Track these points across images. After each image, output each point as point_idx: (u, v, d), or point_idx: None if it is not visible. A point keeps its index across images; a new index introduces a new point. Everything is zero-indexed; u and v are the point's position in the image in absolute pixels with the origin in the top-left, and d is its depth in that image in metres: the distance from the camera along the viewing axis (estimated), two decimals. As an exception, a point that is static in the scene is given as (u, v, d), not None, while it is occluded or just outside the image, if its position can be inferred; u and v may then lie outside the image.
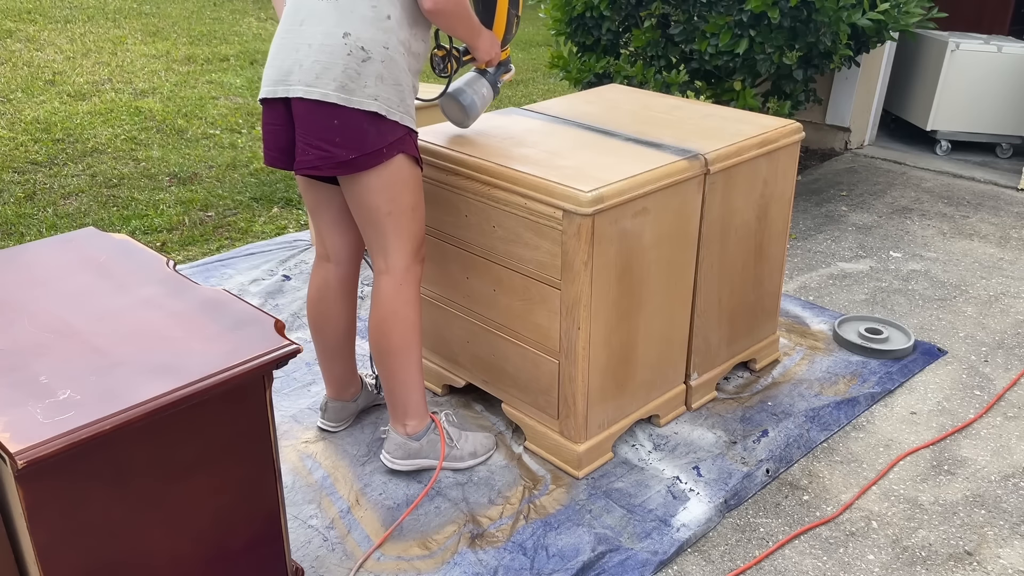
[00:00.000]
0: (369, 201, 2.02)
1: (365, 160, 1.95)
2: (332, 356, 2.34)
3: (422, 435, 2.23)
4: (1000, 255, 3.70)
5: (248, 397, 1.57)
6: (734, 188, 2.38)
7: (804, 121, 5.11)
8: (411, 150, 2.03)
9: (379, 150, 1.95)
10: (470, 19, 2.07)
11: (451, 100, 2.28)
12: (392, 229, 2.06)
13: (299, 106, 1.93)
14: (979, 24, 6.06)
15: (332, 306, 2.28)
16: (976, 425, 2.55)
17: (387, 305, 2.10)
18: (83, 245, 1.93)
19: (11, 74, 6.23)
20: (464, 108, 2.28)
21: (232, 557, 1.66)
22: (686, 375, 2.53)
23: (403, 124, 1.99)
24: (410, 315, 2.13)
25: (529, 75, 7.03)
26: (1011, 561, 2.05)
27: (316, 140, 1.93)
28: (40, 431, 1.32)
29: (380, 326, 2.12)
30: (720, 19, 3.67)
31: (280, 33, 2.00)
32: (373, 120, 1.93)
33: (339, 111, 1.91)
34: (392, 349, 2.13)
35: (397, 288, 2.10)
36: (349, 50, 1.90)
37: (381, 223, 2.05)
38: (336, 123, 1.92)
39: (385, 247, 2.08)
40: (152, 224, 3.87)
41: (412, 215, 2.08)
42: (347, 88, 1.90)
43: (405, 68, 1.98)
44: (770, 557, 2.06)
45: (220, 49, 7.30)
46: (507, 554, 2.02)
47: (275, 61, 1.99)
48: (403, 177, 2.02)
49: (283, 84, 1.95)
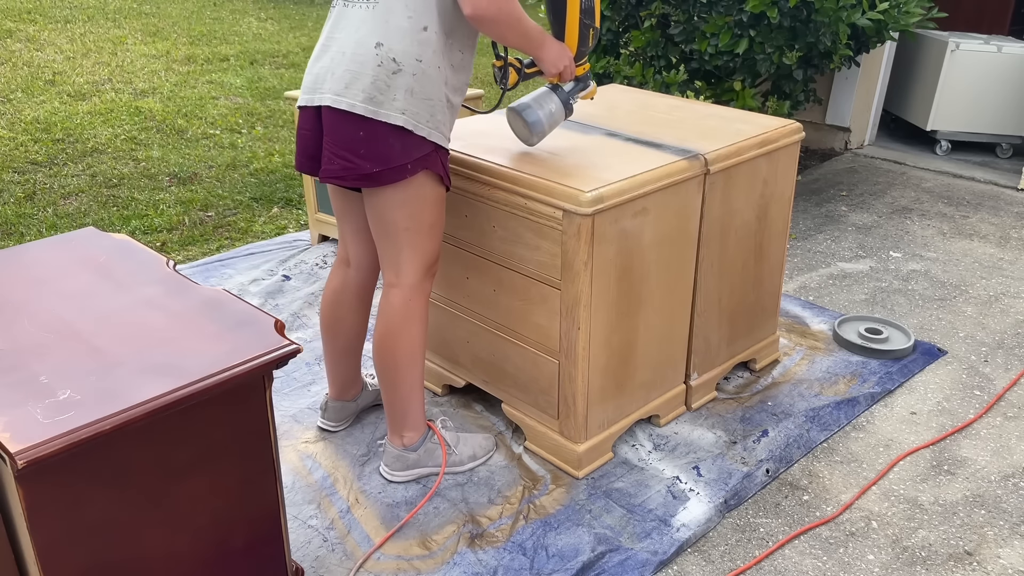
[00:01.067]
0: (388, 215, 2.00)
1: (388, 174, 1.92)
2: (340, 358, 2.35)
3: (419, 445, 2.23)
4: (1000, 255, 3.70)
5: (248, 397, 1.56)
6: (734, 188, 2.38)
7: (804, 121, 5.11)
8: (436, 168, 1.98)
9: (403, 165, 1.92)
10: (522, 27, 1.94)
11: (515, 115, 2.17)
12: (407, 245, 2.03)
13: (328, 114, 1.91)
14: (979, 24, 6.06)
15: (347, 310, 2.28)
16: (976, 425, 2.55)
17: (394, 320, 2.09)
18: (83, 245, 1.93)
19: (11, 74, 6.23)
20: (528, 125, 2.16)
21: (232, 557, 1.66)
22: (686, 375, 2.53)
23: (431, 140, 1.94)
24: (416, 331, 2.11)
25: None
26: (1011, 561, 2.05)
27: (341, 150, 1.91)
28: (40, 431, 1.32)
29: (385, 339, 2.11)
30: (720, 19, 3.66)
31: (320, 39, 1.98)
32: (399, 134, 1.90)
33: (365, 123, 1.88)
34: (395, 364, 2.12)
35: (405, 303, 2.08)
36: (380, 61, 1.87)
37: (397, 238, 2.02)
38: (362, 135, 1.89)
39: (398, 261, 2.06)
40: (152, 224, 3.87)
41: (429, 232, 2.05)
42: (375, 100, 1.87)
43: (441, 82, 1.92)
44: (770, 557, 2.06)
45: (220, 49, 7.30)
46: (507, 554, 2.02)
47: (312, 67, 1.97)
48: (425, 194, 1.99)
49: (317, 92, 1.93)
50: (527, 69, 2.13)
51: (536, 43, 2.01)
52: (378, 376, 2.17)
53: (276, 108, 5.76)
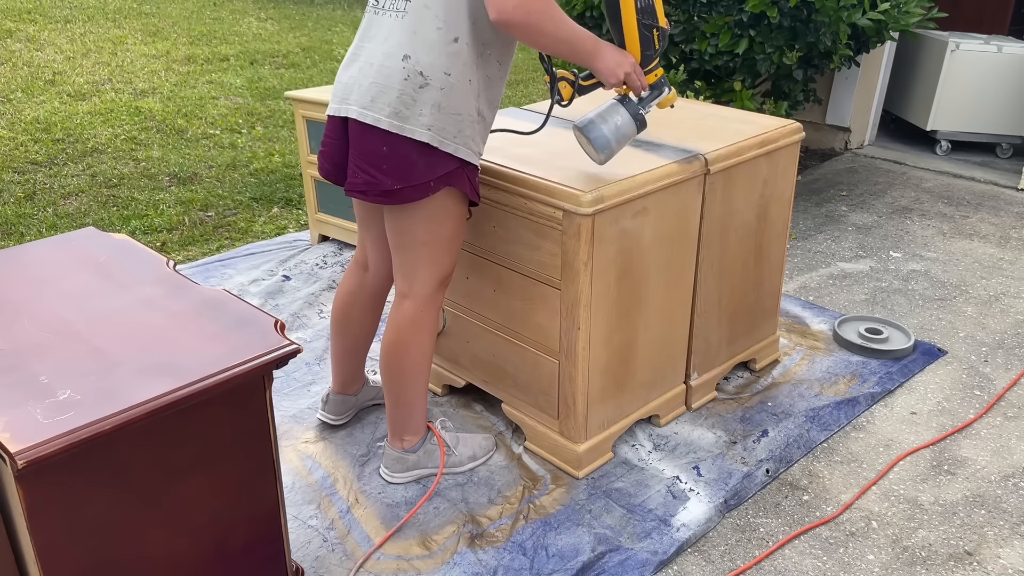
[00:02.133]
0: (406, 228, 1.97)
1: (410, 192, 1.88)
2: (347, 356, 2.35)
3: (418, 447, 2.23)
4: (1000, 255, 3.70)
5: (248, 397, 1.56)
6: (734, 188, 2.38)
7: (804, 121, 5.11)
8: (462, 184, 1.92)
9: (426, 183, 1.87)
10: (561, 32, 1.76)
11: (579, 133, 2.03)
12: (424, 258, 2.01)
13: (353, 127, 1.88)
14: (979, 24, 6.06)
15: (360, 312, 2.28)
16: (976, 425, 2.55)
17: (404, 330, 2.07)
18: (83, 245, 1.93)
19: (11, 74, 6.23)
20: (592, 142, 2.00)
21: (232, 557, 1.66)
22: (686, 375, 2.53)
23: (457, 156, 1.88)
24: (424, 342, 2.10)
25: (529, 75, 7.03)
26: (1011, 561, 2.05)
27: (365, 164, 1.88)
28: (40, 431, 1.32)
29: (393, 348, 2.10)
30: (720, 19, 3.66)
31: (352, 45, 1.94)
32: (423, 151, 1.84)
33: (389, 138, 1.83)
34: (402, 373, 2.11)
35: (416, 314, 2.06)
36: (407, 75, 1.81)
37: (415, 251, 2.00)
38: (385, 150, 1.84)
39: (413, 273, 2.04)
40: (152, 224, 3.87)
41: (447, 247, 2.02)
42: (401, 115, 1.82)
43: (472, 96, 1.85)
44: (770, 557, 2.06)
45: (220, 49, 7.30)
46: (507, 554, 2.02)
47: (341, 75, 1.93)
48: (446, 211, 1.96)
49: (344, 102, 1.89)
50: (583, 82, 1.93)
51: (586, 51, 1.83)
52: (383, 383, 2.16)
53: (276, 108, 5.76)
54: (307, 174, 3.52)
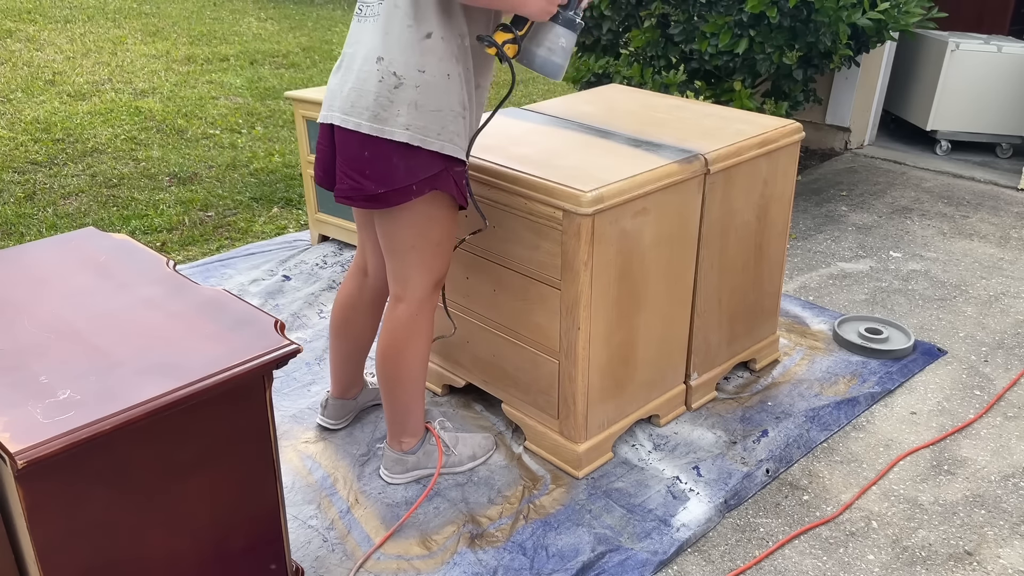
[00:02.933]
0: (395, 233, 1.97)
1: (393, 196, 1.88)
2: (346, 360, 2.35)
3: (417, 448, 2.23)
4: (1000, 255, 3.70)
5: (248, 397, 1.56)
6: (734, 188, 2.38)
7: (804, 121, 5.11)
8: (447, 187, 1.92)
9: (408, 187, 1.87)
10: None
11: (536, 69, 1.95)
12: (415, 262, 2.01)
13: (338, 133, 1.89)
14: (979, 24, 6.06)
15: (359, 316, 2.28)
16: (976, 425, 2.55)
17: (399, 333, 2.08)
18: (83, 245, 1.93)
19: (11, 74, 6.23)
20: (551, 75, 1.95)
21: (232, 557, 1.66)
22: (686, 375, 2.53)
23: (443, 154, 1.88)
24: (420, 345, 2.10)
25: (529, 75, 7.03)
26: (1011, 561, 2.05)
27: (349, 169, 1.89)
28: (40, 431, 1.32)
29: (389, 352, 2.10)
30: (720, 19, 3.66)
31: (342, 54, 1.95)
32: (403, 153, 1.84)
33: (370, 142, 1.84)
34: (399, 376, 2.11)
35: (411, 317, 2.07)
36: (381, 76, 1.82)
37: (405, 255, 2.00)
38: (366, 154, 1.85)
39: (405, 277, 2.04)
40: (152, 224, 3.87)
41: (436, 250, 2.02)
42: (379, 117, 1.82)
43: (452, 90, 1.85)
44: (770, 557, 2.06)
45: (220, 49, 7.30)
46: (507, 554, 2.02)
47: (330, 83, 1.95)
48: (433, 214, 1.96)
49: (329, 109, 1.91)
50: (519, 32, 1.92)
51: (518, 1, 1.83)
52: (380, 386, 2.16)
53: (276, 108, 5.76)
54: (307, 174, 3.52)
